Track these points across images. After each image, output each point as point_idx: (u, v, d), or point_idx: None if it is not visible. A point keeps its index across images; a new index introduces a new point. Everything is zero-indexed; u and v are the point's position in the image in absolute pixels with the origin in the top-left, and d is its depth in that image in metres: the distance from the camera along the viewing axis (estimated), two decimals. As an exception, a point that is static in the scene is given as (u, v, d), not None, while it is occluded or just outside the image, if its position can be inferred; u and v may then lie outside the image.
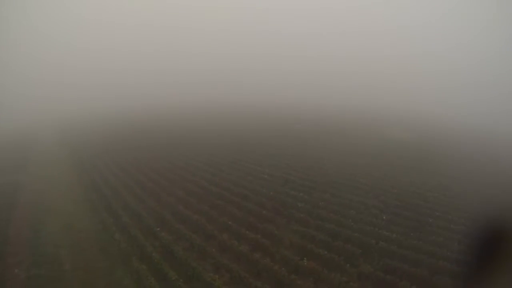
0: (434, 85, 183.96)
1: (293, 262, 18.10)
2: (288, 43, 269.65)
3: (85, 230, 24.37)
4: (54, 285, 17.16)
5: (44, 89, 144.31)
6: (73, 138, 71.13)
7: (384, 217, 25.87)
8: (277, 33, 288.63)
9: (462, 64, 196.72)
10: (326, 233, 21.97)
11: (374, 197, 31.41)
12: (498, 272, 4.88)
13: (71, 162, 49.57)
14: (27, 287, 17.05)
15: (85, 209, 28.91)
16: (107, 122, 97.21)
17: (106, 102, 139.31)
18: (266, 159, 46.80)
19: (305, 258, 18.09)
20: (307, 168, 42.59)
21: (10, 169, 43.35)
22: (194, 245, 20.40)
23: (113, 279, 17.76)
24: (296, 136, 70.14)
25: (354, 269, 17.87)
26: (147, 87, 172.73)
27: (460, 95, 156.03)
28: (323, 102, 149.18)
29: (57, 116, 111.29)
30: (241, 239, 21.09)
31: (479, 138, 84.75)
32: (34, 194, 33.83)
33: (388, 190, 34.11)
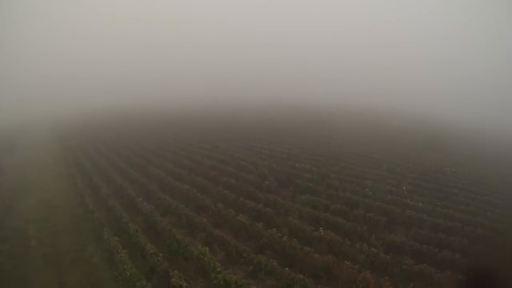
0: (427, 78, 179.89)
1: (305, 233, 14.50)
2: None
3: (61, 206, 21.15)
4: (14, 261, 13.98)
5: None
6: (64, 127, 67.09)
7: (404, 188, 22.50)
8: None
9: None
10: (342, 202, 18.40)
11: (389, 170, 28.06)
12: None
13: (58, 145, 45.62)
14: (-16, 262, 13.66)
15: (65, 186, 25.52)
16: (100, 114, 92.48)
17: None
18: (266, 138, 43.21)
19: (320, 228, 14.48)
20: (312, 145, 39.02)
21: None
22: (181, 217, 16.72)
23: (81, 256, 14.40)
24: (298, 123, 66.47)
25: (381, 240, 14.36)
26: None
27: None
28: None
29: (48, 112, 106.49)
30: (239, 209, 17.39)
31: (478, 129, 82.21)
32: (14, 173, 30.20)
33: (403, 164, 30.88)
